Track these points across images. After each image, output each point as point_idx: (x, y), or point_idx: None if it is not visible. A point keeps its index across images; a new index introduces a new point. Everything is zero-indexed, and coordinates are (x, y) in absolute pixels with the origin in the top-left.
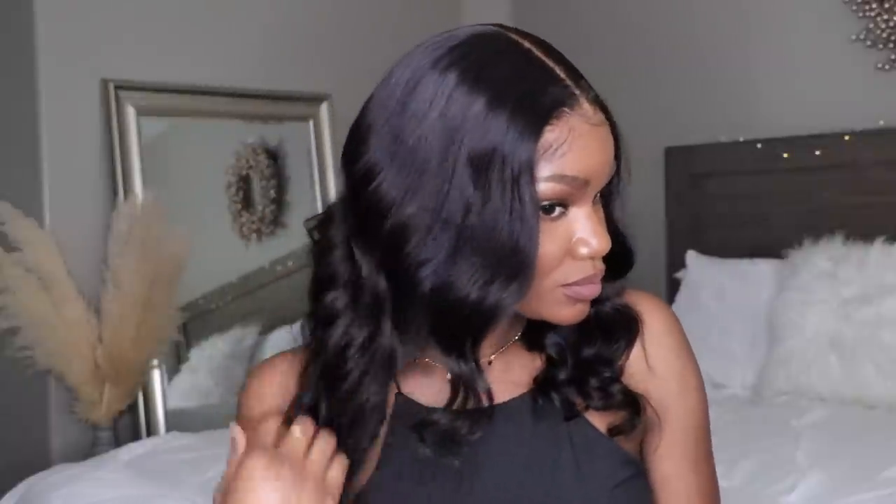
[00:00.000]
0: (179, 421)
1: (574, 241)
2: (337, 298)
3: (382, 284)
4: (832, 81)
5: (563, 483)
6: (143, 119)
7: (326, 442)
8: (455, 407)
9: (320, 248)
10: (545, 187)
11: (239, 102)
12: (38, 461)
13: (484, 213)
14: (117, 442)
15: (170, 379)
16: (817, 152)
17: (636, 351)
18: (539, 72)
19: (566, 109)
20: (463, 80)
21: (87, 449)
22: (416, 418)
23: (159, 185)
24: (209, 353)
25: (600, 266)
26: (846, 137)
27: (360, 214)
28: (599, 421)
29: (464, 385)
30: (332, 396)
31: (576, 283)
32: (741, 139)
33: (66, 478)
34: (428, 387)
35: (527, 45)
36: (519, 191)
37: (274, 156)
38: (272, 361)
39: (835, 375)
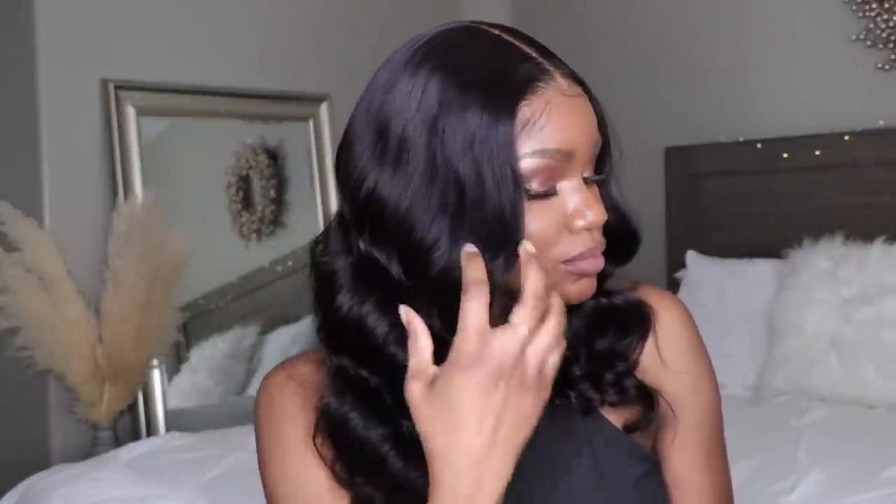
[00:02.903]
0: (179, 421)
1: (569, 215)
2: (348, 298)
3: (398, 270)
4: (832, 81)
5: (583, 480)
6: (143, 119)
7: (545, 331)
8: None
9: (319, 259)
10: (529, 163)
11: (239, 102)
12: (38, 461)
13: (474, 192)
14: (117, 442)
15: (170, 379)
16: (817, 152)
17: (649, 345)
18: (509, 52)
19: (540, 84)
20: (435, 71)
21: (87, 449)
22: None
23: (159, 185)
24: (209, 353)
25: (599, 238)
26: (846, 137)
27: (361, 216)
28: (615, 417)
29: None
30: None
31: (577, 258)
32: (741, 139)
33: (65, 478)
34: None
35: (496, 31)
36: (500, 168)
37: (274, 156)
38: (283, 368)
39: (835, 375)
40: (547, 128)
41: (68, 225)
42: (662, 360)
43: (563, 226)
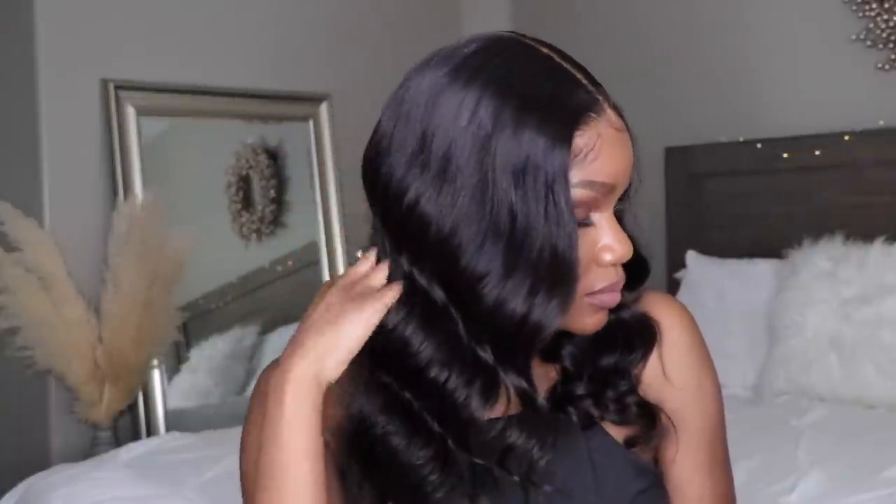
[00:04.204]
0: (179, 421)
1: (599, 248)
2: (393, 314)
3: (440, 295)
4: (832, 81)
5: (582, 494)
6: (143, 119)
7: (382, 270)
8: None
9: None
10: (575, 193)
11: (239, 102)
12: (37, 461)
13: (525, 220)
14: (117, 442)
15: (170, 379)
16: (817, 152)
17: (653, 358)
18: (562, 77)
19: (593, 114)
20: (488, 88)
21: (87, 449)
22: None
23: (159, 185)
24: (209, 353)
25: (621, 273)
26: (846, 137)
27: (401, 232)
28: (616, 431)
29: (528, 402)
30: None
31: (600, 291)
32: (741, 139)
33: (65, 478)
34: None
35: (545, 51)
36: (554, 197)
37: (274, 156)
38: None
39: (835, 375)
40: (597, 161)
41: (68, 225)
42: (666, 373)
43: (591, 258)
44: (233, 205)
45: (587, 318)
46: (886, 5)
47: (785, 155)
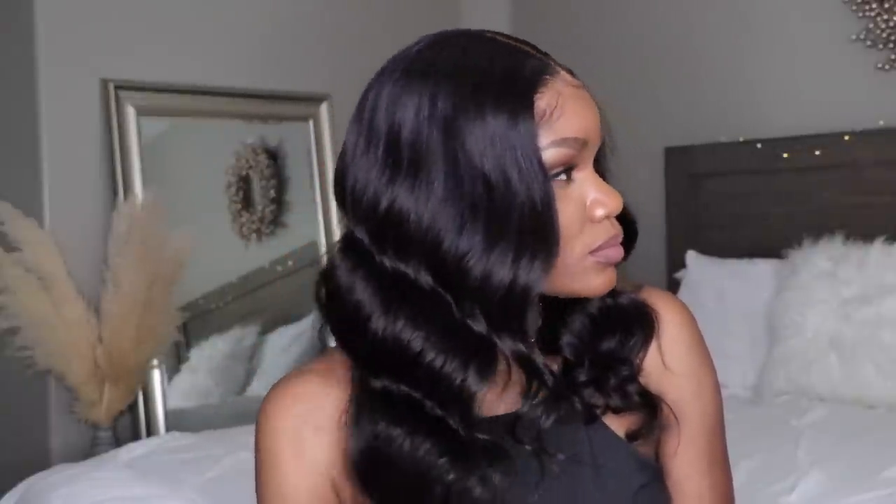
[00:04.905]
0: (179, 421)
1: (589, 204)
2: (382, 321)
3: (428, 280)
4: (832, 81)
5: (584, 490)
6: (143, 119)
7: None
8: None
9: (334, 291)
10: (549, 154)
11: (239, 102)
12: (37, 461)
13: (503, 191)
14: (117, 442)
15: (170, 379)
16: (817, 152)
17: (652, 349)
18: (510, 51)
19: (547, 76)
20: (443, 78)
21: (87, 449)
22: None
23: (159, 185)
24: (209, 353)
25: (618, 227)
26: (846, 137)
27: (381, 236)
28: (617, 425)
29: (527, 366)
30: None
31: (602, 247)
32: (741, 139)
33: (65, 478)
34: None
35: (489, 34)
36: (527, 162)
37: (274, 156)
38: (289, 386)
39: (835, 375)
40: (562, 118)
41: (68, 225)
42: (665, 364)
43: (584, 216)
44: (233, 205)
45: (595, 279)
46: (886, 5)
47: (785, 155)
